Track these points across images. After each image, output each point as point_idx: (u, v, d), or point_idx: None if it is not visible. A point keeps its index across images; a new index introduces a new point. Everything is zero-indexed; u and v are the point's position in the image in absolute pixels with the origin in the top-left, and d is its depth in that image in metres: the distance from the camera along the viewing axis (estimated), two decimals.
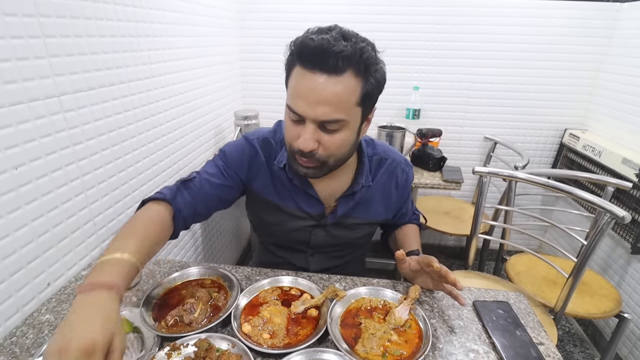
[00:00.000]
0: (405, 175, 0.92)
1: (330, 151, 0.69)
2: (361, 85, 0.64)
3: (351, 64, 0.62)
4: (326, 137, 0.67)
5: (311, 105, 0.63)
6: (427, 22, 1.75)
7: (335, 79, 0.62)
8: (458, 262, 2.23)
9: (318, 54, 0.61)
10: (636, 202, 1.40)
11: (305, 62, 0.63)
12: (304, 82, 0.63)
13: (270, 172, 0.85)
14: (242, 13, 1.80)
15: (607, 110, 1.72)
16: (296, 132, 0.68)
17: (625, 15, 1.62)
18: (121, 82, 0.95)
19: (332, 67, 0.61)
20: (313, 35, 0.62)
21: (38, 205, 0.72)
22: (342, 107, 0.64)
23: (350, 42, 0.62)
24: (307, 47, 0.62)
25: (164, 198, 0.74)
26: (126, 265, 0.55)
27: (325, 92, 0.62)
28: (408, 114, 1.84)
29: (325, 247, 0.92)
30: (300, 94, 0.64)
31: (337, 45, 0.60)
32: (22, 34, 0.67)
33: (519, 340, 0.67)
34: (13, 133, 0.66)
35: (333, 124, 0.66)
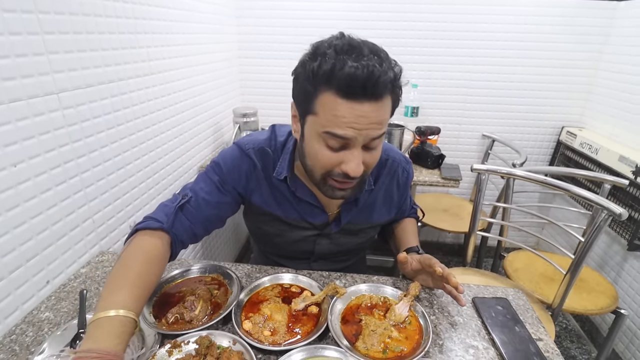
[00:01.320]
0: (406, 174, 0.90)
1: (370, 167, 0.69)
2: (392, 98, 0.63)
3: (392, 84, 0.61)
4: (368, 155, 0.66)
5: (362, 130, 0.61)
6: (425, 19, 1.75)
7: (381, 102, 0.60)
8: (456, 259, 2.24)
9: (369, 86, 0.57)
10: (632, 199, 1.41)
11: (350, 92, 0.58)
12: (349, 111, 0.59)
13: (269, 184, 0.80)
14: (240, 10, 1.80)
15: (604, 108, 1.73)
16: (337, 159, 0.64)
17: (622, 14, 1.63)
18: (120, 79, 0.94)
19: (378, 95, 0.59)
20: (354, 63, 0.56)
21: (37, 202, 0.72)
22: (385, 123, 0.64)
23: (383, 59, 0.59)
24: (354, 78, 0.56)
25: (160, 227, 0.69)
26: (127, 325, 0.52)
27: (375, 115, 0.60)
28: (407, 112, 1.84)
29: (329, 255, 0.91)
30: (348, 121, 0.59)
31: (385, 71, 0.58)
32: (20, 30, 0.66)
33: (518, 336, 0.67)
34: (12, 130, 0.66)
35: (376, 140, 0.64)
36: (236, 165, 0.78)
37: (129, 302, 0.55)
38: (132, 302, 0.55)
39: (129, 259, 0.63)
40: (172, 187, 1.27)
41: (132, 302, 0.55)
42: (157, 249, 0.66)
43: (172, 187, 1.27)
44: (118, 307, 0.53)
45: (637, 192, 1.38)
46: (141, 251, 0.64)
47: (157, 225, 0.68)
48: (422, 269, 0.76)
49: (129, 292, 0.57)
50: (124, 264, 0.61)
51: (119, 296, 0.55)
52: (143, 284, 0.60)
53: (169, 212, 0.71)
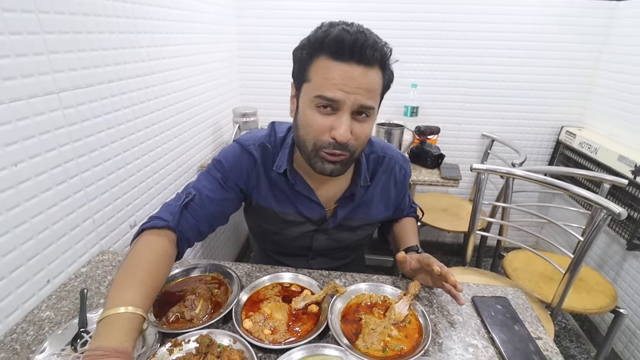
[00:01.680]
0: (403, 172, 0.91)
1: (360, 141, 0.70)
2: (382, 79, 0.68)
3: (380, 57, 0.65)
4: (358, 126, 0.68)
5: (350, 91, 0.64)
6: (425, 19, 1.75)
7: (369, 69, 0.64)
8: (455, 259, 2.24)
9: (356, 48, 0.62)
10: (632, 198, 1.41)
11: (340, 53, 0.63)
12: (339, 72, 0.63)
13: (269, 179, 0.81)
14: (240, 10, 1.80)
15: (604, 108, 1.73)
16: (327, 124, 0.67)
17: (621, 14, 1.63)
18: (120, 78, 0.94)
19: (367, 59, 0.63)
20: (347, 27, 0.63)
21: (37, 202, 0.72)
22: (373, 95, 0.67)
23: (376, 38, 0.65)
24: (343, 39, 0.62)
25: (166, 226, 0.69)
26: (135, 322, 0.53)
27: (363, 79, 0.64)
28: (406, 112, 1.84)
29: (327, 251, 0.92)
30: (337, 82, 0.63)
31: (373, 39, 0.63)
32: (21, 30, 0.66)
33: (518, 335, 0.68)
34: (12, 130, 0.66)
35: (365, 111, 0.67)
36: (237, 162, 0.80)
37: (137, 299, 0.55)
38: (140, 300, 0.56)
39: (136, 258, 0.63)
40: (172, 186, 1.27)
41: (140, 300, 0.55)
42: (164, 247, 0.67)
43: (172, 186, 1.27)
44: (127, 304, 0.53)
45: (636, 191, 1.39)
46: (149, 250, 0.65)
47: (163, 224, 0.69)
48: (421, 268, 0.77)
49: (138, 290, 0.57)
50: (131, 263, 0.62)
51: (127, 294, 0.55)
52: (151, 282, 0.60)
53: (174, 210, 0.71)
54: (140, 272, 0.60)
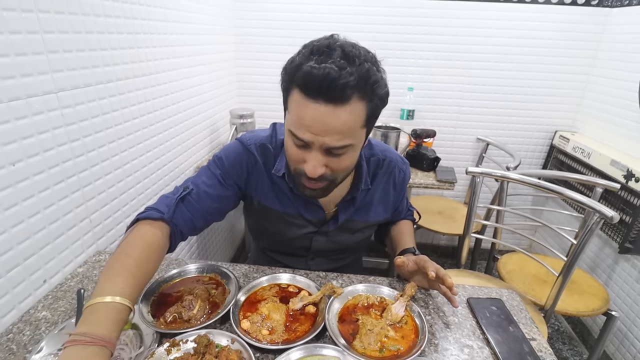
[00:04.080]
0: (402, 174, 0.91)
1: (338, 172, 0.69)
2: (366, 107, 0.62)
3: (357, 90, 0.59)
4: (333, 160, 0.65)
5: (318, 133, 0.61)
6: (422, 24, 1.77)
7: (341, 108, 0.59)
8: (450, 261, 2.26)
9: (324, 86, 0.57)
10: (624, 202, 1.44)
11: (308, 92, 0.59)
12: (308, 112, 0.60)
13: (270, 179, 0.82)
14: (237, 12, 1.80)
15: (597, 113, 1.76)
16: (301, 157, 0.66)
17: (614, 21, 1.66)
18: (118, 79, 0.94)
19: (337, 98, 0.58)
20: (315, 64, 0.57)
21: (35, 201, 0.72)
22: (349, 133, 0.62)
23: (355, 65, 0.58)
24: (312, 78, 0.57)
25: (161, 217, 0.69)
26: (122, 312, 0.53)
27: (333, 122, 0.59)
28: (402, 115, 1.86)
29: (326, 252, 0.92)
30: (306, 123, 0.61)
31: (344, 76, 0.56)
32: (20, 29, 0.66)
33: (512, 336, 0.69)
34: (11, 129, 0.66)
35: (340, 149, 0.64)
36: (238, 160, 0.80)
37: (126, 289, 0.55)
38: (129, 290, 0.56)
39: (128, 247, 0.63)
40: (168, 187, 1.26)
41: (129, 290, 0.56)
42: (157, 239, 0.67)
43: (169, 187, 1.27)
44: (114, 294, 0.53)
45: (628, 195, 1.41)
46: (141, 240, 0.65)
47: (157, 216, 0.69)
48: (418, 270, 0.78)
49: (126, 280, 0.57)
50: (123, 252, 0.62)
51: (116, 283, 0.56)
52: (140, 273, 0.60)
53: (170, 203, 0.72)
54: (130, 261, 0.60)
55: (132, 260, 0.60)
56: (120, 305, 0.53)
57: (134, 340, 0.62)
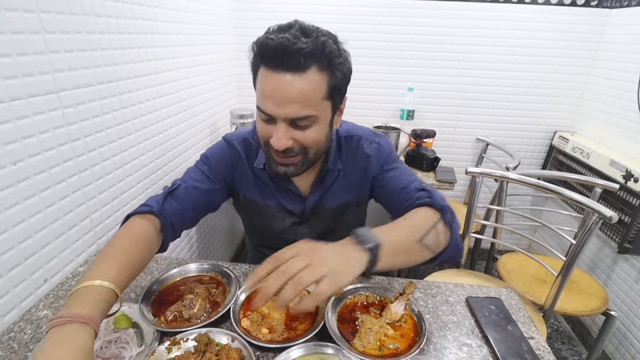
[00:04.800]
0: (374, 145, 0.85)
1: (307, 146, 0.70)
2: (327, 79, 0.65)
3: (314, 59, 0.62)
4: (299, 133, 0.68)
5: (279, 104, 0.64)
6: (421, 24, 1.77)
7: (299, 76, 0.62)
8: (451, 261, 2.26)
9: (279, 54, 0.61)
10: (623, 203, 1.44)
11: (267, 62, 0.63)
12: (269, 82, 0.64)
13: (253, 172, 0.85)
14: (237, 12, 1.81)
15: (596, 114, 1.76)
16: (268, 131, 0.69)
17: (613, 22, 1.67)
18: (119, 79, 0.95)
19: (294, 65, 0.61)
20: (273, 35, 0.62)
21: (36, 201, 0.72)
22: (310, 103, 0.65)
23: (311, 37, 0.62)
24: (267, 47, 0.61)
25: (150, 211, 0.72)
26: (104, 293, 0.53)
27: (291, 90, 0.62)
28: (402, 115, 1.86)
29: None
30: (267, 94, 0.64)
31: (297, 43, 0.60)
32: (22, 29, 0.67)
33: (511, 335, 0.69)
34: (12, 128, 0.66)
35: (304, 120, 0.66)
36: (223, 157, 0.84)
37: (109, 274, 0.56)
38: (112, 273, 0.56)
39: (114, 239, 0.65)
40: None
41: (112, 274, 0.56)
42: (144, 229, 0.69)
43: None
44: (94, 278, 0.54)
45: (627, 195, 1.41)
46: (127, 231, 0.67)
47: (146, 209, 0.72)
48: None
49: (110, 265, 0.58)
50: (109, 244, 0.64)
51: (97, 270, 0.57)
52: (126, 259, 0.61)
53: (159, 198, 0.75)
54: (115, 250, 0.62)
55: (117, 249, 0.62)
56: (100, 287, 0.53)
57: (135, 339, 0.62)
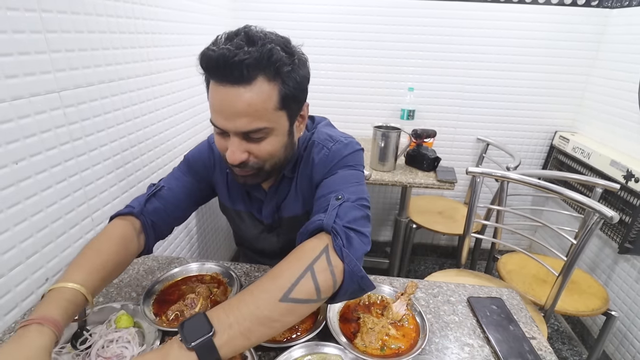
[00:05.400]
0: (324, 151, 0.75)
1: (261, 158, 0.66)
2: (277, 89, 0.61)
3: (259, 69, 0.58)
4: (253, 146, 0.64)
5: (228, 118, 0.61)
6: (422, 24, 1.77)
7: (245, 88, 0.58)
8: (450, 261, 2.26)
9: (221, 66, 0.57)
10: (623, 203, 1.44)
11: (212, 75, 0.60)
12: (216, 96, 0.61)
13: (226, 177, 0.84)
14: (237, 11, 1.81)
15: (596, 114, 1.76)
16: (224, 145, 0.66)
17: (614, 22, 1.67)
18: (120, 78, 0.95)
19: (239, 78, 0.57)
20: (214, 47, 0.58)
21: (38, 200, 0.72)
22: (261, 115, 0.61)
23: (256, 46, 0.58)
24: (209, 60, 0.58)
25: (130, 212, 0.71)
26: (70, 294, 0.53)
27: (239, 103, 0.59)
28: (403, 115, 1.86)
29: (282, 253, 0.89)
30: (216, 108, 0.62)
31: (238, 54, 0.56)
32: (24, 28, 0.67)
33: (512, 335, 0.69)
34: (14, 128, 0.66)
35: (256, 133, 0.62)
36: (202, 158, 0.84)
37: (77, 277, 0.56)
38: (82, 276, 0.56)
39: (91, 242, 0.65)
40: None
41: (81, 277, 0.56)
42: (122, 230, 0.69)
43: None
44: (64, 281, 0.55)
45: (628, 196, 1.41)
46: (104, 234, 0.67)
47: (127, 210, 0.72)
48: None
49: (81, 268, 0.58)
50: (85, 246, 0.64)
51: (69, 273, 0.57)
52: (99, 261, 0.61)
53: (142, 199, 0.75)
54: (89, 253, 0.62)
55: (90, 251, 0.63)
56: (63, 288, 0.54)
57: (136, 338, 0.62)
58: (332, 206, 0.61)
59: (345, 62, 1.83)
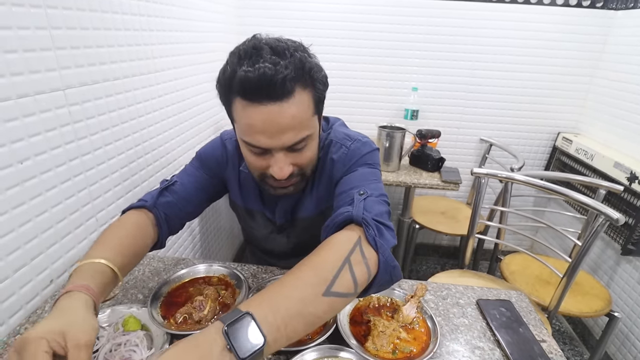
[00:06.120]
0: (343, 149, 0.76)
1: (304, 166, 0.68)
2: (312, 95, 0.62)
3: (296, 80, 0.58)
4: (297, 155, 0.65)
5: (274, 136, 0.59)
6: (426, 24, 1.76)
7: (288, 102, 0.57)
8: (452, 262, 2.26)
9: (264, 86, 0.56)
10: (627, 204, 1.44)
11: (250, 97, 0.57)
12: (257, 117, 0.58)
13: (239, 174, 0.84)
14: (241, 9, 1.79)
15: (600, 115, 1.76)
16: (263, 163, 0.65)
17: (619, 23, 1.66)
18: (125, 76, 0.93)
19: (280, 94, 0.57)
20: (248, 67, 0.56)
21: (42, 200, 0.71)
22: (304, 125, 0.61)
23: (287, 57, 0.57)
24: (249, 82, 0.56)
25: (144, 205, 0.72)
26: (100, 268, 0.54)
27: (283, 119, 0.58)
28: (407, 115, 1.86)
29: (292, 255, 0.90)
30: (258, 129, 0.59)
31: (279, 70, 0.55)
32: (29, 25, 0.65)
33: (523, 338, 0.69)
34: (19, 126, 0.65)
35: (300, 143, 0.63)
36: (214, 155, 0.84)
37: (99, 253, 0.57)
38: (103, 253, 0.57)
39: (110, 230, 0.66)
40: None
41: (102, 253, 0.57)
42: (140, 223, 0.69)
43: None
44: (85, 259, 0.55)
45: (632, 197, 1.41)
46: (120, 221, 0.69)
47: (140, 204, 0.72)
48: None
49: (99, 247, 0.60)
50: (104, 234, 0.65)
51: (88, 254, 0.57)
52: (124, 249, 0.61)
53: (154, 194, 0.75)
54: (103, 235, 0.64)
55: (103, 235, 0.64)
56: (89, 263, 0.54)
57: (145, 342, 0.61)
58: (357, 200, 0.61)
59: (350, 61, 1.82)
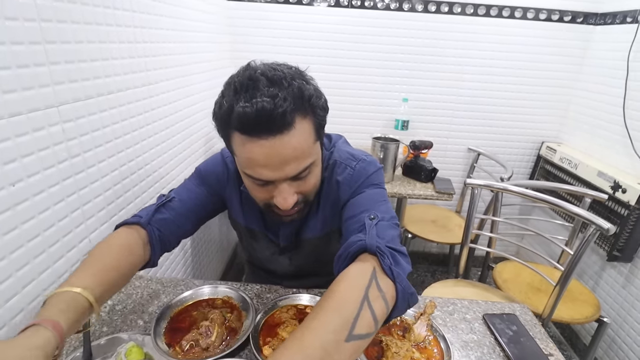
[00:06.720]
0: (348, 170, 0.74)
1: (308, 192, 0.67)
2: (312, 122, 0.60)
3: (296, 111, 0.56)
4: (301, 183, 0.63)
5: (277, 168, 0.58)
6: (416, 36, 1.79)
7: (288, 134, 0.55)
8: (441, 269, 2.28)
9: (263, 121, 0.53)
10: (610, 212, 1.50)
11: (249, 132, 0.55)
12: (259, 151, 0.56)
13: (240, 193, 0.81)
14: (231, 19, 1.77)
15: (580, 125, 1.84)
16: (266, 194, 0.64)
17: (597, 38, 1.74)
18: (119, 90, 0.90)
19: (280, 127, 0.54)
20: (245, 102, 0.54)
21: (35, 224, 0.66)
22: (306, 154, 0.60)
23: (284, 88, 0.55)
24: (247, 118, 0.54)
25: (137, 222, 0.69)
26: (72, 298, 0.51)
27: (285, 151, 0.56)
28: (397, 125, 1.88)
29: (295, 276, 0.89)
30: (261, 163, 0.57)
31: (278, 104, 0.53)
32: (23, 39, 0.62)
33: (531, 352, 0.69)
34: (11, 147, 0.61)
35: (303, 172, 0.61)
36: (214, 172, 0.82)
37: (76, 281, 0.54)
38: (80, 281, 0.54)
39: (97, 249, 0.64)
40: None
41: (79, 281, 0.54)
42: (126, 238, 0.67)
43: None
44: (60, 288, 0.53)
45: (615, 206, 1.47)
46: (106, 241, 0.66)
47: (134, 220, 0.70)
48: None
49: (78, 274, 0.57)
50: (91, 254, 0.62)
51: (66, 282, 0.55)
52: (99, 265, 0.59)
53: (150, 210, 0.73)
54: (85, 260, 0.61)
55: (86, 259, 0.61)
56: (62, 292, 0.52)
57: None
58: (369, 225, 0.59)
59: (340, 72, 1.83)
